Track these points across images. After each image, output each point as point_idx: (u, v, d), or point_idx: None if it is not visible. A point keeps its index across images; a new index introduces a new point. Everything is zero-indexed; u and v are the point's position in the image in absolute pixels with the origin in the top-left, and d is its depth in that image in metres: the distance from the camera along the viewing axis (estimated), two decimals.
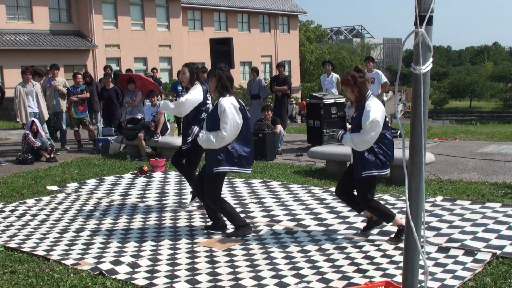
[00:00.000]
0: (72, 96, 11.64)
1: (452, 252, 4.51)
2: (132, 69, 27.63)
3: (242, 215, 5.95)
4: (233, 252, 4.76)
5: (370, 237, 5.03)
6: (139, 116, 10.80)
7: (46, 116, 11.19)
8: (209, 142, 5.03)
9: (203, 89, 6.03)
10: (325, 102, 10.39)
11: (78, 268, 4.41)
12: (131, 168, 9.22)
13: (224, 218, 5.43)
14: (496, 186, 6.83)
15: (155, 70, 15.97)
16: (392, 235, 4.94)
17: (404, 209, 2.35)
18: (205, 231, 5.44)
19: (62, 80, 12.17)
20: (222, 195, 5.34)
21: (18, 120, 11.01)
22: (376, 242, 4.87)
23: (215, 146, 5.02)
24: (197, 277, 4.16)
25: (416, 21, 2.23)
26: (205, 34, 34.67)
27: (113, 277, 4.21)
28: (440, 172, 7.85)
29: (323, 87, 12.10)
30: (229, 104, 5.03)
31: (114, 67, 22.81)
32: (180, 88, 13.32)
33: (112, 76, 12.87)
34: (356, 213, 5.80)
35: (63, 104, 12.01)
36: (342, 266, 4.30)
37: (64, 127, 12.10)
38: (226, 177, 8.09)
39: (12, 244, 5.15)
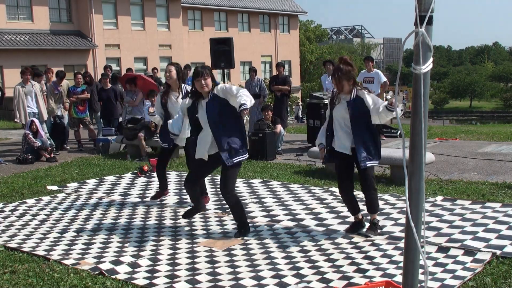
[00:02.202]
0: (72, 96, 11.64)
1: (452, 252, 4.51)
2: (133, 69, 27.63)
3: None
4: (233, 252, 4.76)
5: (370, 237, 5.02)
6: (139, 116, 10.80)
7: (46, 116, 11.17)
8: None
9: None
10: (325, 102, 10.38)
11: (78, 268, 4.41)
12: (131, 168, 9.22)
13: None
14: (496, 186, 6.82)
15: (155, 70, 15.96)
16: (367, 227, 5.16)
17: (404, 209, 2.35)
18: (206, 231, 5.44)
19: (66, 83, 12.17)
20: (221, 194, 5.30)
21: (16, 120, 10.98)
22: (376, 242, 4.87)
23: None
24: (197, 277, 4.16)
25: (416, 21, 2.22)
26: (205, 34, 34.69)
27: (113, 277, 4.21)
28: (440, 172, 7.85)
29: (324, 86, 12.11)
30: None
31: (114, 67, 22.85)
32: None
33: (110, 77, 12.84)
34: None
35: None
36: (342, 266, 4.30)
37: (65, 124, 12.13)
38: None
39: (12, 244, 5.15)
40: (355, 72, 5.03)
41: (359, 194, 5.47)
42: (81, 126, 11.94)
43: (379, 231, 5.13)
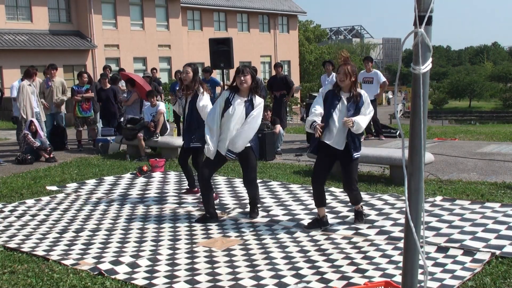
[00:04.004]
0: (76, 95, 11.64)
1: (452, 252, 4.51)
2: (132, 69, 27.57)
3: (242, 215, 5.97)
4: (232, 252, 4.76)
5: (369, 237, 5.03)
6: (130, 116, 10.82)
7: (43, 117, 11.16)
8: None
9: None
10: None
11: (77, 268, 4.41)
12: (130, 168, 9.22)
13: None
14: (496, 186, 6.83)
15: (154, 70, 15.95)
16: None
17: (404, 209, 2.36)
18: (205, 232, 5.44)
19: (60, 80, 12.10)
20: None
21: (24, 116, 10.67)
22: (376, 242, 4.87)
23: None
24: (196, 277, 4.16)
25: (416, 21, 2.22)
26: (205, 34, 34.68)
27: (113, 277, 4.21)
28: (439, 172, 7.85)
29: (324, 86, 12.09)
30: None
31: (114, 67, 22.83)
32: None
33: (110, 78, 12.81)
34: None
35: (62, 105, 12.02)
36: (341, 266, 4.30)
37: (62, 124, 12.11)
38: (225, 177, 8.12)
39: (11, 244, 5.15)
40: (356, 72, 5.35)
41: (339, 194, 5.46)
42: (85, 125, 11.91)
43: (364, 218, 5.54)
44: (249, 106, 5.58)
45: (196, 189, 7.00)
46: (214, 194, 6.42)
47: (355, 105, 5.22)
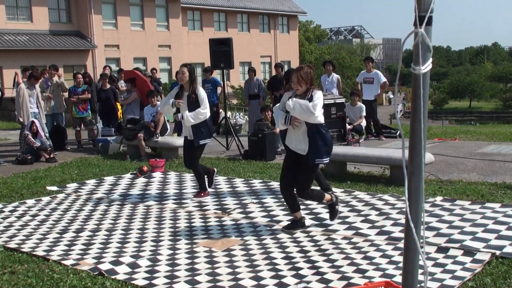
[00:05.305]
0: (72, 96, 11.65)
1: (452, 252, 4.51)
2: (124, 70, 27.53)
3: (241, 215, 5.97)
4: (232, 252, 4.76)
5: (370, 238, 5.03)
6: (131, 116, 10.83)
7: (44, 118, 11.16)
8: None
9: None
10: (325, 103, 10.34)
11: (77, 269, 4.41)
12: (130, 168, 9.22)
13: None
14: (496, 186, 6.83)
15: (154, 71, 15.96)
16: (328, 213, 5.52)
17: (404, 209, 2.36)
18: (206, 232, 5.44)
19: (57, 79, 12.14)
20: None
21: (21, 119, 10.74)
22: (376, 242, 4.87)
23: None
24: (196, 278, 4.16)
25: (416, 21, 2.22)
26: (205, 34, 34.69)
27: (113, 277, 4.21)
28: (439, 172, 7.85)
29: (323, 87, 12.10)
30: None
31: (114, 67, 22.84)
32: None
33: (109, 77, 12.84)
34: (355, 213, 5.82)
35: (63, 103, 12.03)
36: (341, 266, 4.30)
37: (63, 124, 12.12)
38: (226, 177, 8.12)
39: (11, 245, 5.15)
40: (313, 76, 5.19)
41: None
42: (82, 126, 11.93)
43: (338, 214, 5.50)
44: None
45: (207, 191, 7.02)
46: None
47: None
